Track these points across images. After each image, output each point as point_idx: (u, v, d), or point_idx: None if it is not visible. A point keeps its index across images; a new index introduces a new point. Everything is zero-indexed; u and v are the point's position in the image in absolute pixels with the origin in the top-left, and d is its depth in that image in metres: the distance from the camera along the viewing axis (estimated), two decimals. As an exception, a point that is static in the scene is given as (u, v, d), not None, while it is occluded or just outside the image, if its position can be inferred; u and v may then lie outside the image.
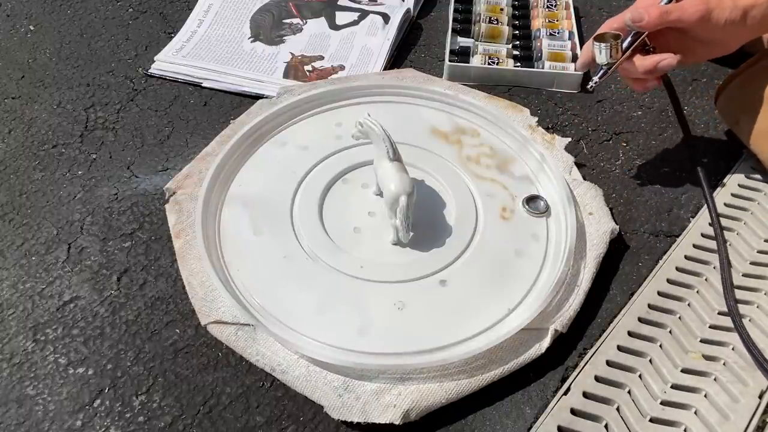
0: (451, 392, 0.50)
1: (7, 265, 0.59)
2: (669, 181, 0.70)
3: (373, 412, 0.48)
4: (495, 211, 0.63)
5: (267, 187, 0.64)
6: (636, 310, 0.57)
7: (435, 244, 0.60)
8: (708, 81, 0.82)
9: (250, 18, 0.89)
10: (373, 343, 0.52)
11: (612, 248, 0.61)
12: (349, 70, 0.81)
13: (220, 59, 0.82)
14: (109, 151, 0.71)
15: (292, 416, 0.50)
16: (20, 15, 0.90)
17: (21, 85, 0.79)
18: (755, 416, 0.50)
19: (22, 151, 0.70)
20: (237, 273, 0.57)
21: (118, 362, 0.52)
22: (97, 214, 0.64)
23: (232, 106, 0.77)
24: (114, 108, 0.76)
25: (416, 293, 0.56)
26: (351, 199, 0.64)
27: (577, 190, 0.65)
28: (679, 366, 0.53)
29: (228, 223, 0.61)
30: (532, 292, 0.57)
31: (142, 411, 0.50)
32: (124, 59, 0.83)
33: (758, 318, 0.57)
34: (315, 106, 0.72)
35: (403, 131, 0.67)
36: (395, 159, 0.58)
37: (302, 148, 0.67)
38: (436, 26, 0.91)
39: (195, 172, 0.65)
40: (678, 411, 0.51)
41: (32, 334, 0.54)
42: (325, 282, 0.56)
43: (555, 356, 0.54)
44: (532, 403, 0.51)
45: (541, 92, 0.80)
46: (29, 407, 0.50)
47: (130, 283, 0.58)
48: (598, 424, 0.50)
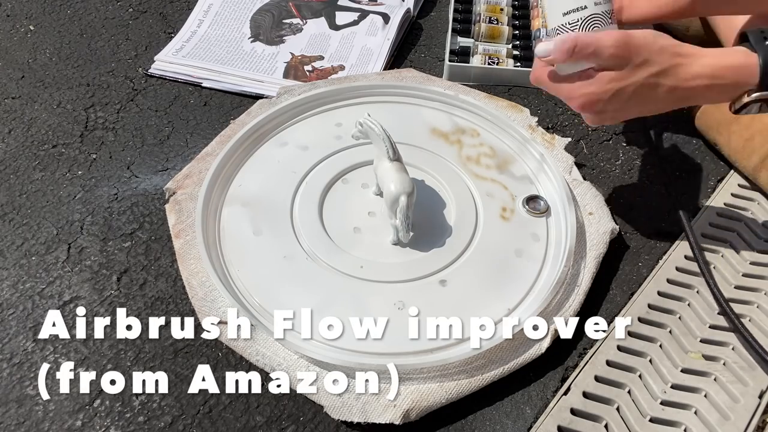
0: (451, 392, 0.50)
1: (7, 265, 0.59)
2: (669, 181, 0.70)
3: (373, 412, 0.48)
4: (495, 211, 0.63)
5: (267, 187, 0.64)
6: (636, 310, 0.57)
7: (435, 244, 0.60)
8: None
9: (250, 18, 0.89)
10: (372, 343, 0.52)
11: (612, 248, 0.61)
12: (349, 70, 0.81)
13: (220, 59, 0.82)
14: (109, 151, 0.71)
15: (292, 416, 0.50)
16: (20, 15, 0.90)
17: (21, 85, 0.79)
18: (755, 416, 0.50)
19: (22, 151, 0.70)
20: (237, 273, 0.57)
21: (118, 362, 0.52)
22: (97, 214, 0.64)
23: (232, 106, 0.77)
24: (114, 108, 0.76)
25: (416, 293, 0.56)
26: (351, 199, 0.64)
27: (577, 190, 0.65)
28: (679, 366, 0.53)
29: (228, 223, 0.61)
30: (532, 292, 0.57)
31: (142, 411, 0.50)
32: (124, 59, 0.83)
33: (758, 318, 0.57)
34: (315, 106, 0.72)
35: (403, 131, 0.67)
36: (395, 159, 0.58)
37: (302, 148, 0.67)
38: (436, 26, 0.91)
39: (195, 172, 0.64)
40: (678, 411, 0.51)
41: (32, 334, 0.54)
42: (325, 282, 0.56)
43: (555, 356, 0.54)
44: (532, 403, 0.51)
45: (541, 92, 0.79)
46: (29, 407, 0.50)
47: (130, 283, 0.58)
48: (598, 424, 0.50)
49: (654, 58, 0.49)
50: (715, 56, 0.49)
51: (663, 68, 0.49)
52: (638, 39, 0.49)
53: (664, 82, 0.49)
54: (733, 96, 0.49)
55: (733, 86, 0.49)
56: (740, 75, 0.48)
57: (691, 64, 0.49)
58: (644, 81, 0.49)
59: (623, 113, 0.52)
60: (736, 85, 0.49)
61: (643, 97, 0.50)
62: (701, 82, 0.49)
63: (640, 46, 0.49)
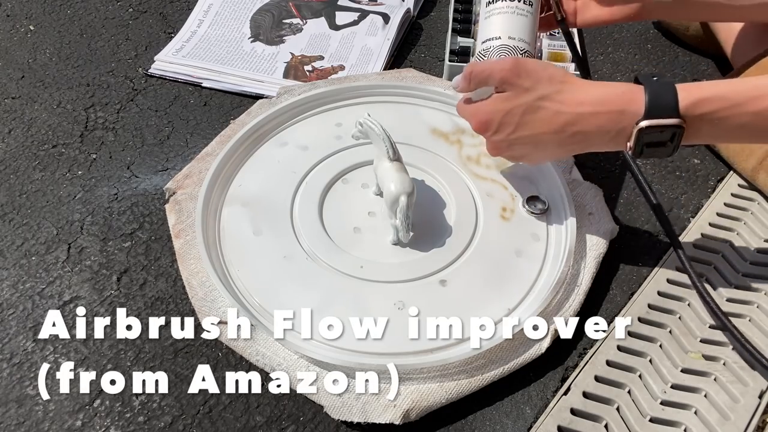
0: (451, 392, 0.50)
1: (7, 265, 0.59)
2: (669, 181, 0.70)
3: (373, 412, 0.48)
4: (495, 211, 0.63)
5: (267, 187, 0.64)
6: (636, 310, 0.57)
7: (435, 244, 0.60)
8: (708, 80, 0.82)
9: (250, 18, 0.89)
10: (372, 343, 0.52)
11: (612, 248, 0.61)
12: (349, 70, 0.81)
13: (220, 59, 0.82)
14: (109, 151, 0.71)
15: (292, 416, 0.50)
16: (20, 15, 0.90)
17: (21, 85, 0.79)
18: (755, 416, 0.50)
19: (22, 151, 0.70)
20: (237, 273, 0.57)
21: (118, 362, 0.52)
22: (97, 214, 0.64)
23: (232, 106, 0.77)
24: (114, 108, 0.76)
25: (416, 293, 0.56)
26: (351, 199, 0.64)
27: (577, 190, 0.65)
28: (679, 366, 0.53)
29: (228, 223, 0.61)
30: (532, 292, 0.57)
31: (142, 411, 0.50)
32: (124, 59, 0.83)
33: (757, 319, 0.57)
34: (315, 106, 0.72)
35: (403, 131, 0.67)
36: (395, 159, 0.58)
37: (302, 148, 0.67)
38: (436, 26, 0.91)
39: (195, 172, 0.64)
40: (678, 411, 0.51)
41: (32, 334, 0.54)
42: (325, 282, 0.56)
43: (555, 356, 0.54)
44: (532, 403, 0.51)
45: (541, 92, 0.79)
46: (29, 407, 0.50)
47: (130, 283, 0.58)
48: (598, 424, 0.50)
49: (542, 84, 0.51)
50: (601, 86, 0.51)
51: (548, 93, 0.51)
52: (529, 65, 0.52)
53: (549, 106, 0.51)
54: (622, 125, 0.49)
55: (619, 113, 0.49)
56: (626, 102, 0.49)
57: (576, 90, 0.51)
58: (531, 103, 0.51)
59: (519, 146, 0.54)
60: (622, 113, 0.49)
61: (531, 120, 0.52)
62: (587, 109, 0.50)
63: (529, 71, 0.51)
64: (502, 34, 0.57)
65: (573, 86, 0.51)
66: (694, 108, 0.47)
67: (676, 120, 0.47)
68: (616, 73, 0.83)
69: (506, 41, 0.57)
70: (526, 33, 0.58)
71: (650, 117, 0.48)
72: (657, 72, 0.63)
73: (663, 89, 0.48)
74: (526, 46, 0.57)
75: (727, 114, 0.47)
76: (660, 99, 0.48)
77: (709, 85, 0.48)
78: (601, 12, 0.61)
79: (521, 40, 0.57)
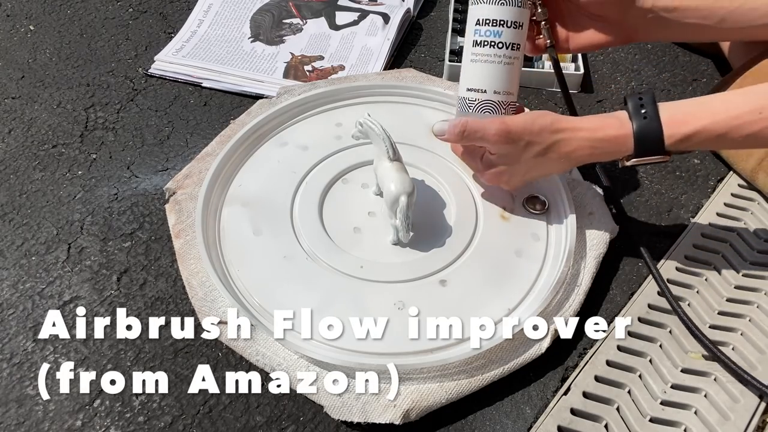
0: (451, 392, 0.50)
1: (7, 265, 0.59)
2: (669, 181, 0.70)
3: (373, 412, 0.48)
4: (495, 211, 0.63)
5: (267, 187, 0.64)
6: (636, 310, 0.57)
7: (435, 244, 0.60)
8: (708, 81, 0.82)
9: (250, 18, 0.89)
10: (372, 343, 0.52)
11: (612, 248, 0.61)
12: (349, 70, 0.81)
13: (220, 59, 0.82)
14: (109, 151, 0.71)
15: (292, 416, 0.50)
16: (20, 15, 0.90)
17: (21, 85, 0.79)
18: (755, 416, 0.50)
19: (22, 151, 0.70)
20: (237, 273, 0.57)
21: (118, 362, 0.52)
22: (97, 214, 0.64)
23: (232, 106, 0.77)
24: (114, 108, 0.76)
25: (416, 293, 0.56)
26: (351, 199, 0.64)
27: (577, 190, 0.65)
28: (679, 366, 0.53)
29: (228, 223, 0.61)
30: (532, 292, 0.57)
31: (142, 411, 0.50)
32: (124, 59, 0.83)
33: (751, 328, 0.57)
34: (315, 106, 0.72)
35: (403, 131, 0.67)
36: (395, 159, 0.58)
37: (302, 148, 0.67)
38: (436, 26, 0.91)
39: (195, 172, 0.64)
40: (678, 411, 0.51)
41: (32, 334, 0.54)
42: (325, 282, 0.56)
43: (555, 356, 0.54)
44: (532, 403, 0.51)
45: (541, 92, 0.80)
46: (29, 407, 0.50)
47: (130, 283, 0.58)
48: (598, 424, 0.50)
49: (535, 139, 0.54)
50: (591, 129, 0.54)
51: (545, 146, 0.55)
52: (517, 126, 0.54)
53: (551, 156, 0.55)
54: (617, 158, 0.55)
55: (612, 153, 0.54)
56: (616, 145, 0.53)
57: (570, 140, 0.54)
58: (533, 158, 0.56)
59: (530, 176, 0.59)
60: (615, 153, 0.54)
61: (538, 167, 0.57)
62: (583, 152, 0.54)
63: (520, 132, 0.54)
64: (488, 88, 0.57)
65: (565, 135, 0.54)
66: (678, 144, 0.52)
67: (661, 156, 0.53)
68: (616, 73, 0.83)
69: (491, 96, 0.57)
70: (512, 84, 0.58)
71: (639, 156, 0.53)
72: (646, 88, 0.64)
73: (649, 128, 0.52)
74: (511, 99, 0.58)
75: (711, 144, 0.53)
76: (646, 141, 0.52)
77: (693, 115, 0.52)
78: (595, 36, 0.61)
79: (506, 93, 0.57)
